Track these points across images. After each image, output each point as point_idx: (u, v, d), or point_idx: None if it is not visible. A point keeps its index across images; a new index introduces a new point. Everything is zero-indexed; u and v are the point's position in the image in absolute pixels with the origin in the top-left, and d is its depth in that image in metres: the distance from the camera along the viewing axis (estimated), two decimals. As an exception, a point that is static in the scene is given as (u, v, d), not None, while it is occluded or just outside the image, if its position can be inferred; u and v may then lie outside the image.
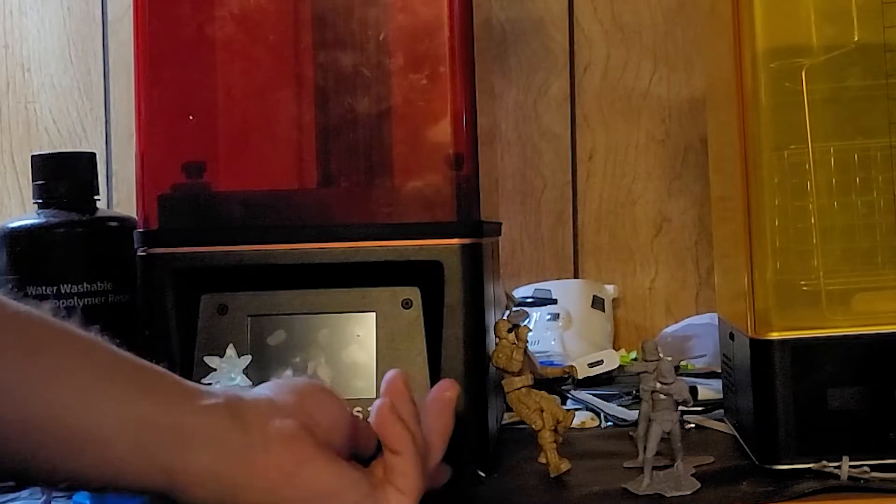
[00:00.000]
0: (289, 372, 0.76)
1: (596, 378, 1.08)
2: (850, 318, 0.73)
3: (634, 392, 1.00)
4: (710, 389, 0.99)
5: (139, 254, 0.78)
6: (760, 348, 0.73)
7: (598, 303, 1.25)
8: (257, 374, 0.74)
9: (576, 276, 1.34)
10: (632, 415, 0.92)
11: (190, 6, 0.84)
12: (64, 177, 0.92)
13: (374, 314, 0.76)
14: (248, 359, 0.73)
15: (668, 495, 0.69)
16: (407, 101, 0.79)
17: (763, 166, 0.74)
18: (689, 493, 0.69)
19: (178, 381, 0.53)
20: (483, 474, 0.75)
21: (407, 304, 0.76)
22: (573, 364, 0.99)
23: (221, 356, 0.73)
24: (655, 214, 1.35)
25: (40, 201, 0.92)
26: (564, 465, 0.74)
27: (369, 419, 0.57)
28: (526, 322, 0.80)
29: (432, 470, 0.60)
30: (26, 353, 0.47)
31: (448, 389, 0.61)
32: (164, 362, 0.55)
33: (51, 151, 1.05)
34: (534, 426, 0.75)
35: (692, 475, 0.71)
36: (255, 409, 0.53)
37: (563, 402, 1.00)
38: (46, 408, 0.47)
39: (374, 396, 0.75)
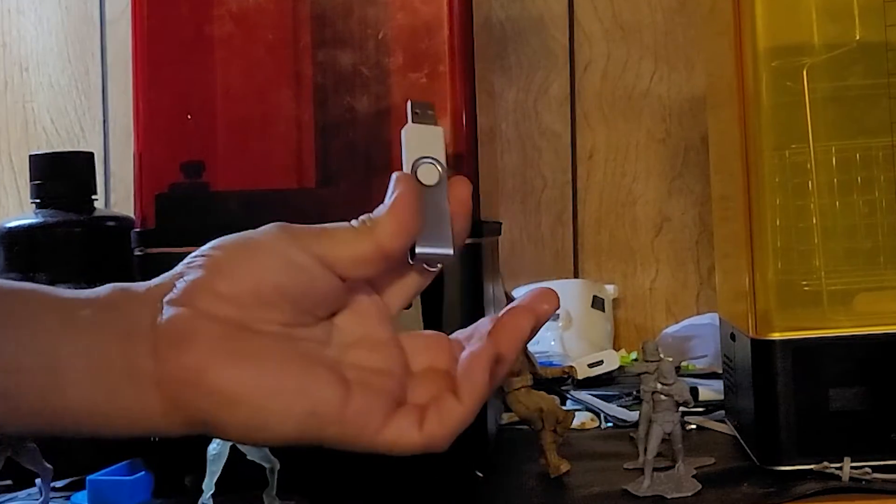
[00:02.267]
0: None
1: (596, 378, 1.08)
2: (851, 318, 0.73)
3: (635, 393, 0.99)
4: (710, 390, 0.98)
5: (137, 253, 0.78)
6: (762, 349, 0.73)
7: (598, 303, 1.25)
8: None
9: (576, 276, 1.34)
10: (632, 416, 0.92)
11: (188, 6, 0.83)
12: (62, 176, 0.92)
13: (373, 314, 0.76)
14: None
15: (668, 497, 0.68)
16: (406, 100, 0.79)
17: (764, 165, 0.74)
18: (689, 494, 0.69)
19: (49, 302, 0.42)
20: (482, 475, 0.75)
21: (406, 304, 0.76)
22: (573, 364, 0.99)
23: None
24: (656, 214, 1.34)
25: (38, 201, 0.92)
26: (564, 466, 0.74)
27: (462, 357, 0.42)
28: (526, 322, 0.80)
29: None
30: None
31: (549, 302, 0.47)
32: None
33: (48, 151, 1.05)
34: (534, 426, 0.75)
35: (693, 476, 0.71)
36: (141, 303, 0.41)
37: (563, 403, 0.99)
38: None
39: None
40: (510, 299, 1.02)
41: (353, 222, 0.43)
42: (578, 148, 1.36)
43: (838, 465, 0.70)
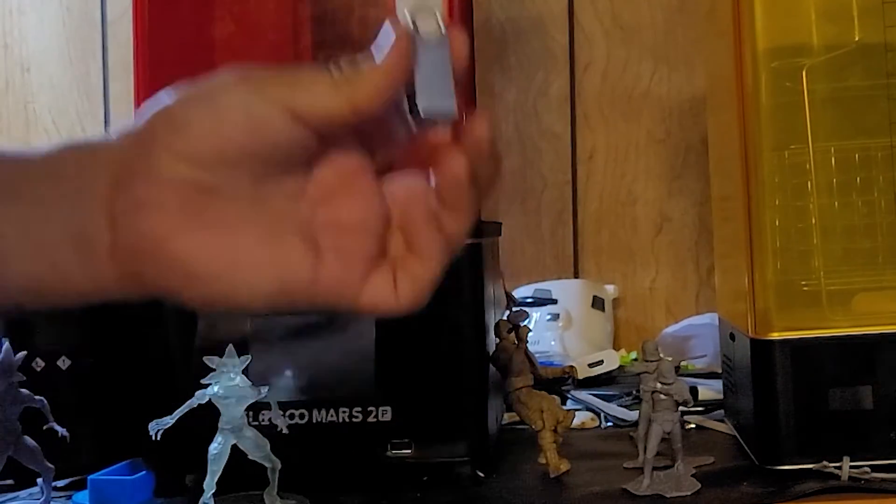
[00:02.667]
0: (289, 372, 0.76)
1: (596, 378, 1.08)
2: (850, 318, 0.73)
3: (635, 392, 0.99)
4: (710, 390, 0.98)
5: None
6: (761, 348, 0.73)
7: (598, 303, 1.25)
8: (257, 374, 0.73)
9: (576, 276, 1.34)
10: (632, 415, 0.92)
11: (189, 6, 0.83)
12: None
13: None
14: (248, 359, 0.73)
15: (668, 496, 0.68)
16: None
17: (764, 166, 0.74)
18: (689, 493, 0.69)
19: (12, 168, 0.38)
20: (483, 474, 0.75)
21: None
22: (573, 364, 0.99)
23: (221, 356, 0.73)
24: (656, 214, 1.34)
25: (39, 201, 0.91)
26: (564, 466, 0.74)
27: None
28: (526, 322, 0.80)
29: None
30: None
31: (480, 128, 0.40)
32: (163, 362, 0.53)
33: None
34: (534, 426, 0.75)
35: (692, 476, 0.71)
36: (96, 165, 0.38)
37: (564, 403, 1.00)
38: None
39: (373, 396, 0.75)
40: (511, 299, 1.02)
41: (334, 71, 0.39)
42: (578, 148, 1.36)
43: (837, 464, 0.70)
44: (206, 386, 0.71)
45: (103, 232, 0.37)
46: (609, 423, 0.93)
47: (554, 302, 1.22)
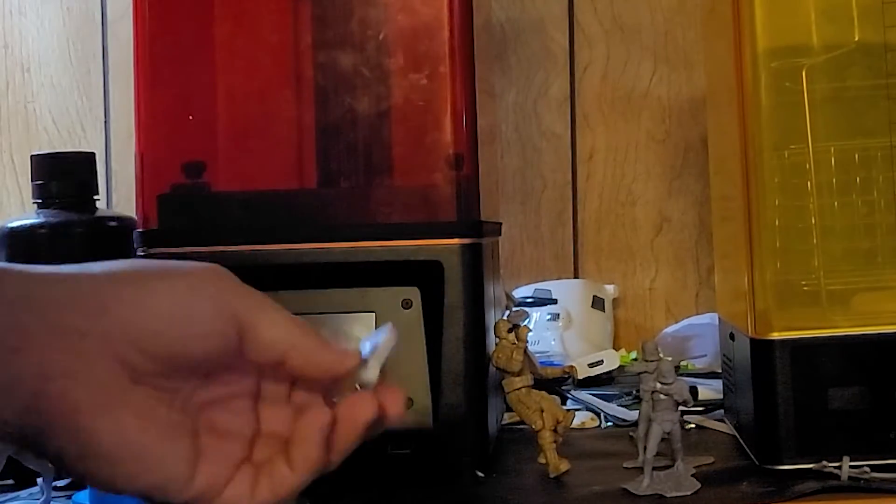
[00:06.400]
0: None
1: (596, 378, 1.08)
2: (850, 318, 0.73)
3: (634, 392, 1.00)
4: (710, 390, 0.98)
5: (139, 254, 0.78)
6: (761, 348, 0.73)
7: (598, 303, 1.25)
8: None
9: (576, 276, 1.34)
10: (632, 415, 0.92)
11: (190, 6, 0.84)
12: (63, 177, 0.92)
13: (373, 314, 0.76)
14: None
15: (668, 495, 0.68)
16: (407, 101, 0.79)
17: (763, 166, 0.74)
18: (689, 493, 0.69)
19: None
20: (482, 474, 0.75)
21: (407, 305, 0.76)
22: (573, 364, 0.99)
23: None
24: (656, 214, 1.34)
25: (40, 201, 0.92)
26: (564, 466, 0.74)
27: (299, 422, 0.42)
28: (526, 322, 0.80)
29: None
30: None
31: (397, 406, 0.45)
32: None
33: (50, 151, 1.05)
34: (534, 426, 0.75)
35: (692, 475, 0.71)
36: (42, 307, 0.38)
37: (563, 403, 1.00)
38: None
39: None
40: (510, 299, 1.02)
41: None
42: (578, 149, 1.36)
43: (837, 464, 0.70)
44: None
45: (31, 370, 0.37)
46: (609, 423, 0.93)
47: (554, 302, 1.22)
